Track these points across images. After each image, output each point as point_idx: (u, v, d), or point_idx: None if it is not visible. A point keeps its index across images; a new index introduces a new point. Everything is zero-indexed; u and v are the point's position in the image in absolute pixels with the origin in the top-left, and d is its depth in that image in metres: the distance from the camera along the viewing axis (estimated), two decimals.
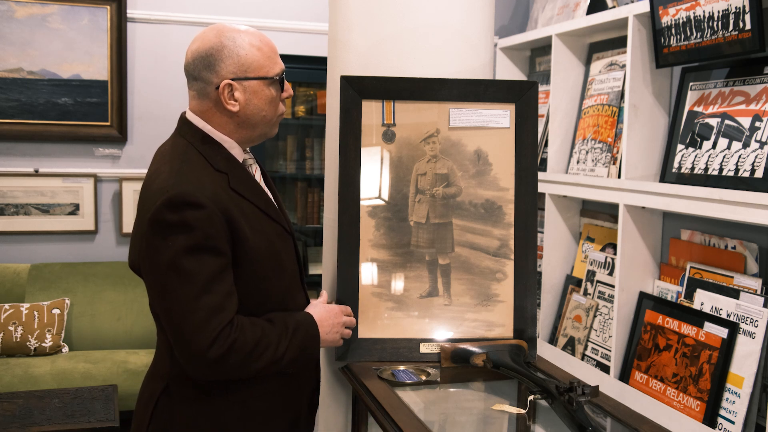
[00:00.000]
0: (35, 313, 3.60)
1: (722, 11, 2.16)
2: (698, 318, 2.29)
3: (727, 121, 2.26)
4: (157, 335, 1.70)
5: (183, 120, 1.67)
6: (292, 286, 1.72)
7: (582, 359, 2.81)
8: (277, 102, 1.66)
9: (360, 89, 1.99)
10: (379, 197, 2.00)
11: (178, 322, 1.49)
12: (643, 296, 2.57)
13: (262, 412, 1.66)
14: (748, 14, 2.07)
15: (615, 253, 2.71)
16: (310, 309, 1.76)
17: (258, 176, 1.74)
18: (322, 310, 1.77)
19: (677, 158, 2.42)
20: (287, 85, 1.69)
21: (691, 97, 2.43)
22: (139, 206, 1.61)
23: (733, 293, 2.22)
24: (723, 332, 2.19)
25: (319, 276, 2.39)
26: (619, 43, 2.85)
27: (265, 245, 1.62)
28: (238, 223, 1.55)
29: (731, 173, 2.19)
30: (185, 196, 1.49)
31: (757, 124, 2.16)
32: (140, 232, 1.55)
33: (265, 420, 1.67)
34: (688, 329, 2.32)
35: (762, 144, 2.12)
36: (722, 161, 2.24)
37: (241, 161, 1.67)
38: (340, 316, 1.82)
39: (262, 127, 1.66)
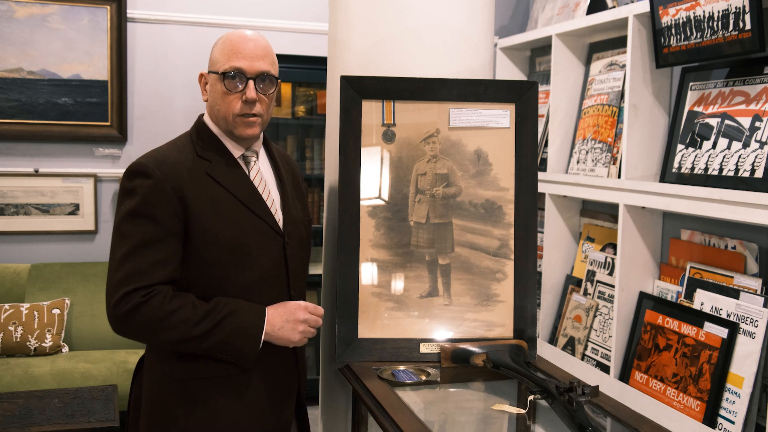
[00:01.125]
0: (35, 313, 3.60)
1: (722, 11, 2.16)
2: (698, 318, 2.29)
3: (727, 121, 2.26)
4: None
5: (198, 117, 1.81)
6: (264, 284, 1.72)
7: (582, 359, 2.81)
8: (227, 99, 1.69)
9: (360, 89, 1.99)
10: (379, 197, 2.00)
11: (107, 278, 1.61)
12: (643, 296, 2.57)
13: (204, 397, 1.68)
14: (748, 14, 2.07)
15: (615, 253, 2.71)
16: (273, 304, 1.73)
17: (256, 174, 1.76)
18: (280, 305, 1.72)
19: (677, 158, 2.42)
20: (250, 87, 1.67)
21: (691, 97, 2.43)
22: None
23: (733, 293, 2.22)
24: (723, 332, 2.19)
25: (319, 276, 2.39)
26: (619, 43, 2.85)
27: (229, 234, 1.66)
28: (194, 203, 1.63)
29: (731, 173, 2.19)
30: (140, 166, 1.62)
31: (757, 124, 2.16)
32: None
33: (207, 406, 1.68)
34: (688, 329, 2.32)
35: (762, 144, 2.12)
36: (722, 161, 2.24)
37: (237, 155, 1.74)
38: (300, 312, 1.71)
39: (223, 123, 1.73)
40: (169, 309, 1.58)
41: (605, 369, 2.66)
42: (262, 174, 1.78)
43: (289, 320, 1.70)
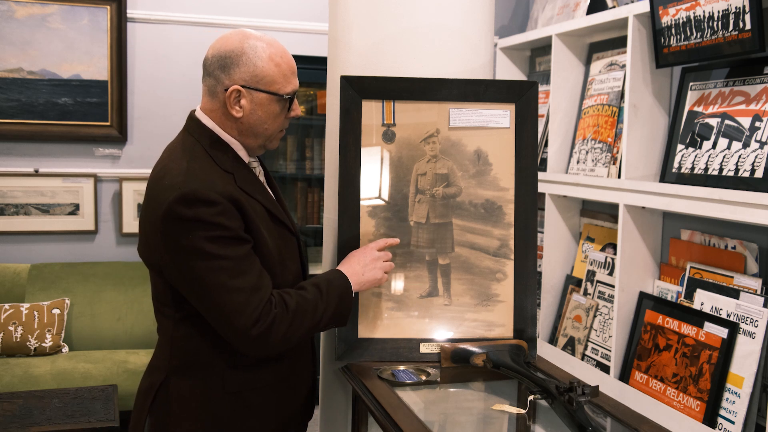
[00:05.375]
0: (35, 313, 3.60)
1: (722, 11, 2.16)
2: (698, 318, 2.29)
3: (727, 121, 2.26)
4: (158, 330, 1.72)
5: (192, 118, 1.70)
6: (294, 285, 1.73)
7: (582, 359, 2.81)
8: (281, 119, 1.69)
9: (360, 89, 1.99)
10: (379, 197, 2.00)
11: (219, 307, 1.54)
12: (643, 296, 2.57)
13: (257, 406, 1.68)
14: (748, 14, 2.07)
15: (615, 253, 2.71)
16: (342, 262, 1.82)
17: (262, 178, 1.77)
18: (346, 258, 1.81)
19: (677, 158, 2.42)
20: (295, 104, 1.70)
21: (691, 97, 2.43)
22: (147, 201, 1.64)
23: (733, 293, 2.22)
24: (723, 332, 2.19)
25: None
26: (619, 43, 2.85)
27: (272, 243, 1.65)
28: (251, 217, 1.59)
29: (731, 173, 2.19)
30: (197, 193, 1.52)
31: (757, 124, 2.16)
32: (153, 229, 1.58)
33: (258, 415, 1.68)
34: (688, 329, 2.32)
35: (762, 144, 2.12)
36: (722, 161, 2.24)
37: (246, 162, 1.71)
38: (369, 252, 1.82)
39: (263, 139, 1.70)
40: (291, 310, 1.59)
41: (605, 369, 2.66)
42: (263, 178, 1.78)
43: (366, 264, 1.79)
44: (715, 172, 2.24)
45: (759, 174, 2.09)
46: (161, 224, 1.54)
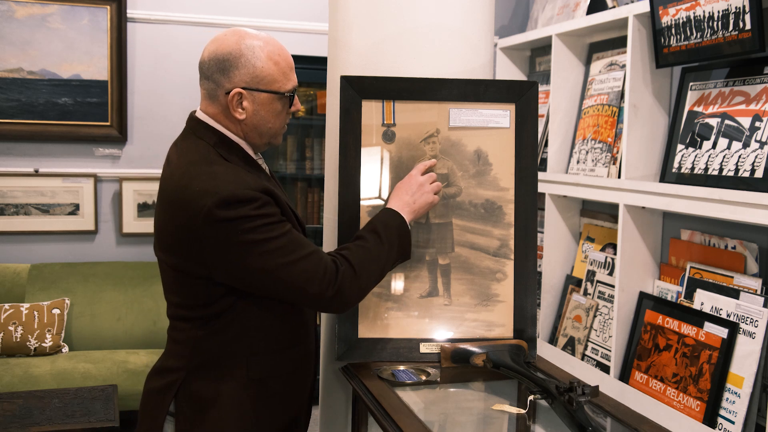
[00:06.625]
0: (35, 313, 3.60)
1: (722, 11, 2.16)
2: (698, 318, 2.29)
3: (727, 121, 2.26)
4: (173, 332, 1.70)
5: (196, 120, 1.68)
6: None
7: (582, 359, 2.81)
8: (283, 115, 1.70)
9: (360, 89, 1.99)
10: (379, 197, 2.00)
11: (290, 283, 1.59)
12: (643, 296, 2.57)
13: (278, 393, 1.69)
14: (748, 14, 2.07)
15: (615, 253, 2.71)
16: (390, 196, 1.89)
17: (270, 175, 1.79)
18: (395, 192, 1.88)
19: (677, 158, 2.42)
20: (296, 100, 1.71)
21: (691, 97, 2.43)
22: (174, 209, 1.60)
23: (733, 293, 2.22)
24: (723, 332, 2.19)
25: None
26: (619, 43, 2.85)
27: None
28: (284, 206, 1.65)
29: (731, 173, 2.19)
30: (236, 194, 1.54)
31: (757, 124, 2.16)
32: (188, 237, 1.56)
33: (278, 402, 1.70)
34: (688, 329, 2.32)
35: (762, 144, 2.12)
36: (722, 161, 2.24)
37: (255, 159, 1.73)
38: (414, 179, 1.88)
39: (267, 137, 1.71)
40: (357, 262, 1.66)
41: (605, 369, 2.66)
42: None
43: (414, 192, 1.87)
44: (715, 172, 2.24)
45: (759, 174, 2.09)
46: (203, 230, 1.53)
